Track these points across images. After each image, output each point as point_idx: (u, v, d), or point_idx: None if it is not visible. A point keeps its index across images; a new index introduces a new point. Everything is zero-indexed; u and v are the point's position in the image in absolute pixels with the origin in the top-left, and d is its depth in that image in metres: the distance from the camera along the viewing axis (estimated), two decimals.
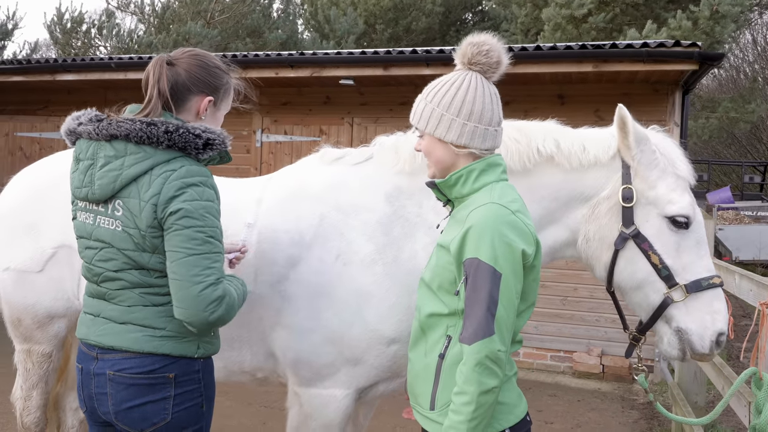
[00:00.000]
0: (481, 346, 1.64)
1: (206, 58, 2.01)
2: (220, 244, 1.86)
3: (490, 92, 1.86)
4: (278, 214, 2.42)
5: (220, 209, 1.94)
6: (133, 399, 1.86)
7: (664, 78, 6.20)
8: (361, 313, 2.26)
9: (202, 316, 1.79)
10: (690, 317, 2.18)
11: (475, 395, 1.64)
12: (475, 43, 1.85)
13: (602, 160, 2.27)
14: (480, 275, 1.67)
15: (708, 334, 2.17)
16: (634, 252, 2.21)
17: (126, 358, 1.88)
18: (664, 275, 2.18)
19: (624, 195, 2.21)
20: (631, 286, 2.25)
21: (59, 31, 15.30)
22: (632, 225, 2.20)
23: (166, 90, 1.91)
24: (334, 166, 2.53)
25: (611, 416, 5.49)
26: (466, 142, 1.82)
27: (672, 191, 2.22)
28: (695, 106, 18.11)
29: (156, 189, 1.82)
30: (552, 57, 5.90)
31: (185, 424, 1.90)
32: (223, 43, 15.01)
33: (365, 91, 7.15)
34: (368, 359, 2.28)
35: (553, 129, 2.35)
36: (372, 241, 2.32)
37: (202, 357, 1.94)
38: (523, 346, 6.79)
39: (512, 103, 6.97)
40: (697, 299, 2.17)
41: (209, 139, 1.88)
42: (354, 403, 2.37)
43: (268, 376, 2.51)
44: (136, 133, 1.83)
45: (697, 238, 2.23)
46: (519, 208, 1.76)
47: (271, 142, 7.63)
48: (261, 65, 6.91)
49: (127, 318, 1.90)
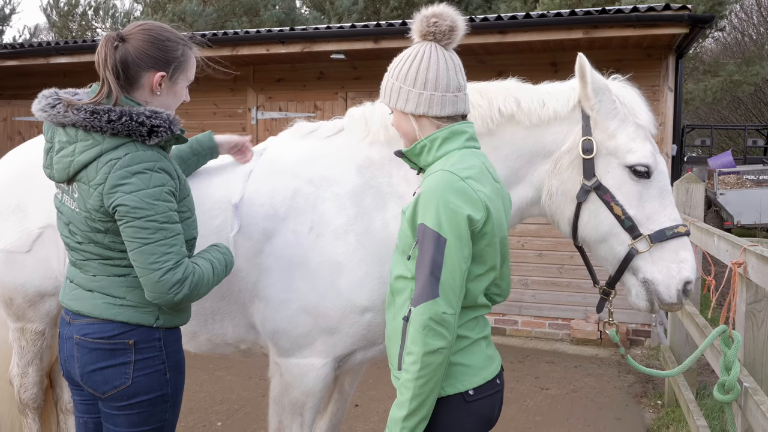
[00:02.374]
0: (424, 308, 1.68)
1: (156, 31, 1.97)
2: (175, 225, 1.88)
3: (445, 59, 1.88)
4: (253, 188, 2.45)
5: (180, 183, 1.95)
6: (96, 362, 1.94)
7: (657, 42, 6.16)
8: (335, 284, 2.29)
9: (167, 298, 1.86)
10: (655, 267, 2.16)
11: (420, 355, 1.68)
12: (426, 15, 1.88)
13: (561, 114, 2.26)
14: (425, 240, 1.71)
15: (674, 283, 2.15)
16: (597, 204, 2.20)
17: (89, 323, 1.95)
18: (628, 226, 2.16)
19: (584, 147, 2.20)
20: (596, 239, 2.24)
21: (56, 14, 15.26)
22: (593, 177, 2.19)
23: (117, 69, 1.90)
24: (307, 140, 2.55)
25: (607, 381, 5.56)
26: (423, 111, 1.85)
27: (632, 140, 2.19)
28: (698, 70, 17.92)
29: (101, 177, 1.84)
30: (542, 24, 5.86)
31: (146, 390, 1.95)
32: (219, 21, 14.94)
33: (358, 65, 7.13)
34: (343, 328, 2.32)
35: (514, 87, 2.33)
36: (343, 212, 2.34)
37: (162, 327, 1.98)
38: (522, 314, 6.89)
39: (505, 72, 6.88)
40: (662, 249, 2.16)
41: (153, 126, 1.87)
42: (333, 372, 2.42)
43: (250, 348, 2.56)
44: (81, 122, 1.86)
45: (660, 187, 2.21)
46: (471, 174, 1.78)
47: (266, 119, 7.65)
48: (252, 42, 6.90)
49: (92, 286, 1.97)
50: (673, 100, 6.41)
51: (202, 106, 7.90)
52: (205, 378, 5.38)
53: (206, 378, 5.38)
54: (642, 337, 6.58)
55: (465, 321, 1.82)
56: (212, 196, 2.46)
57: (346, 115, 2.55)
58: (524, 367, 5.91)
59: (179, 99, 2.06)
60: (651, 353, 6.28)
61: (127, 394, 1.93)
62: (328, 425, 3.00)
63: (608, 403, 5.07)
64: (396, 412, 1.74)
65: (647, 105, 2.29)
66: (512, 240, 6.79)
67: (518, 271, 6.87)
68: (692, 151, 20.55)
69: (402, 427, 1.71)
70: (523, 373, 5.73)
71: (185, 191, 2.01)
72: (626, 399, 5.15)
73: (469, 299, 1.81)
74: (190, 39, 2.09)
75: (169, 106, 2.04)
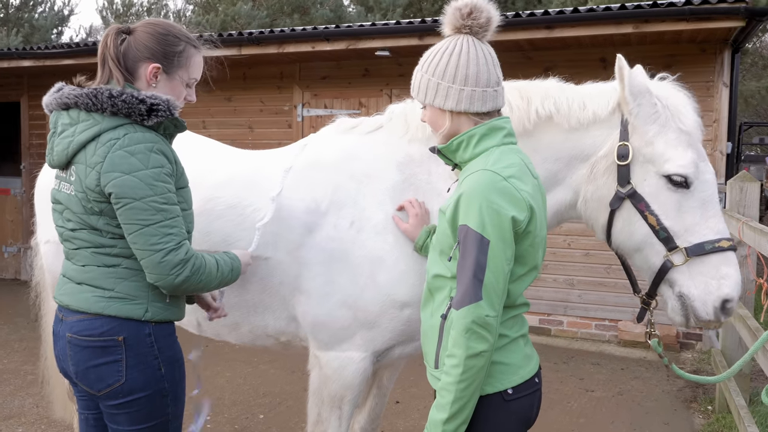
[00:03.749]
0: (467, 312, 1.66)
1: (160, 26, 1.99)
2: (174, 207, 1.88)
3: (483, 53, 1.84)
4: (295, 183, 2.47)
5: (178, 171, 1.96)
6: (89, 360, 1.92)
7: (711, 37, 5.96)
8: (375, 278, 2.30)
9: (169, 280, 1.86)
10: (693, 282, 2.06)
11: (463, 358, 1.66)
12: (461, 7, 1.84)
13: (601, 117, 2.18)
14: (468, 242, 1.68)
15: (711, 300, 2.04)
16: (631, 212, 2.11)
17: (79, 320, 1.93)
18: (662, 237, 2.07)
19: (619, 152, 2.10)
20: (631, 248, 2.16)
21: (111, 14, 15.72)
22: (628, 184, 2.10)
23: (116, 59, 1.93)
24: (348, 136, 2.56)
25: (655, 384, 5.42)
26: (465, 108, 1.82)
27: (671, 147, 2.07)
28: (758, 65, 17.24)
29: (100, 157, 1.84)
30: (590, 19, 5.73)
31: (142, 386, 1.92)
32: (269, 22, 15.15)
33: (403, 62, 7.12)
34: (382, 323, 2.33)
35: (554, 88, 2.26)
36: (383, 209, 2.35)
37: (152, 321, 1.95)
38: (567, 315, 6.78)
39: (553, 69, 6.81)
40: (702, 263, 2.04)
41: (153, 104, 1.87)
42: (371, 366, 2.43)
43: (290, 340, 2.59)
44: (82, 99, 1.88)
45: (703, 197, 2.08)
46: (514, 173, 1.74)
47: (311, 116, 7.71)
48: (297, 39, 6.96)
49: (82, 278, 1.95)
50: (728, 96, 6.19)
51: (249, 104, 8.02)
52: (249, 371, 5.47)
53: (250, 371, 5.47)
54: (693, 340, 6.39)
55: (504, 319, 1.80)
56: (257, 189, 2.50)
57: (386, 111, 2.55)
58: (569, 369, 5.81)
59: (177, 96, 2.03)
60: (702, 357, 6.09)
61: (123, 391, 1.91)
62: (367, 419, 3.01)
63: (656, 407, 4.94)
64: (436, 415, 1.72)
65: (695, 108, 2.17)
66: (558, 239, 6.68)
67: (564, 271, 6.75)
68: (750, 150, 19.82)
69: (443, 430, 1.70)
70: (567, 375, 5.63)
71: (183, 181, 2.00)
72: (675, 403, 5.01)
73: (510, 299, 1.78)
74: (199, 39, 2.08)
75: None
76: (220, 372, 5.29)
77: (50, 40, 16.02)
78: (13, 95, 9.48)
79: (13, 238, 9.61)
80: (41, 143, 9.23)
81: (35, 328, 3.54)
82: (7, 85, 9.44)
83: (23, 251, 9.44)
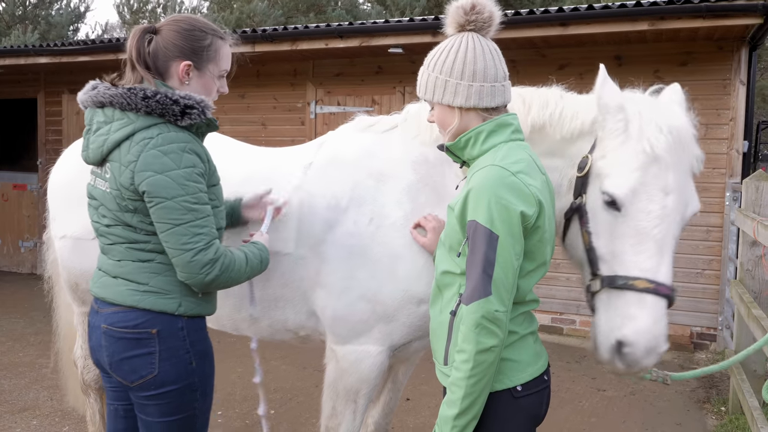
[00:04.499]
0: (477, 307, 1.66)
1: (186, 22, 2.01)
2: (205, 207, 1.91)
3: (489, 49, 1.84)
4: (315, 180, 2.51)
5: (210, 169, 1.98)
6: (123, 352, 1.96)
7: (728, 34, 5.89)
8: (393, 273, 2.32)
9: (199, 278, 1.89)
10: (602, 315, 1.91)
11: (473, 353, 1.67)
12: (464, 5, 1.84)
13: (585, 129, 2.08)
14: (477, 237, 1.68)
15: (607, 341, 1.87)
16: (576, 226, 2.02)
17: (115, 312, 1.98)
18: (590, 257, 1.94)
19: (580, 164, 2.01)
20: (576, 262, 2.08)
21: (127, 11, 15.83)
22: (580, 197, 1.99)
23: (146, 61, 1.96)
24: (366, 134, 2.59)
25: (668, 384, 5.37)
26: (475, 104, 1.82)
27: (617, 165, 1.88)
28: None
29: (134, 155, 1.87)
30: (605, 16, 5.68)
31: (173, 379, 1.96)
32: (284, 19, 15.18)
33: (416, 59, 7.07)
34: (400, 317, 2.35)
35: (554, 97, 2.18)
36: (400, 207, 2.37)
37: (184, 315, 1.99)
38: (579, 314, 6.74)
39: (567, 66, 6.80)
40: (618, 297, 1.86)
41: (186, 105, 1.90)
42: (388, 360, 2.45)
43: (310, 335, 2.62)
44: (117, 99, 1.91)
45: (639, 228, 1.85)
46: (522, 168, 1.74)
47: (324, 113, 7.73)
48: (311, 37, 6.97)
49: (118, 272, 2.00)
50: (745, 94, 6.13)
51: (263, 101, 8.05)
52: None
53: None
54: (707, 341, 6.33)
55: (514, 316, 1.80)
56: (275, 186, 2.52)
57: (403, 110, 2.57)
58: (581, 368, 5.78)
59: (209, 90, 2.06)
60: (716, 358, 6.04)
61: (155, 383, 1.96)
62: (381, 414, 3.03)
63: (668, 407, 4.91)
64: (447, 411, 1.73)
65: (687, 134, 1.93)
66: None
67: (576, 270, 6.71)
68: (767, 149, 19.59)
69: (453, 425, 1.70)
70: (579, 374, 5.61)
71: (215, 178, 2.03)
72: (688, 404, 4.98)
73: (519, 295, 1.78)
74: (224, 31, 2.11)
75: None
76: (231, 367, 5.32)
77: (66, 37, 16.16)
78: (29, 92, 9.58)
79: (30, 233, 9.72)
80: (57, 139, 9.32)
81: (51, 322, 3.58)
82: (24, 81, 9.54)
83: (39, 246, 9.54)
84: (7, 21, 16.27)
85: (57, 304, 3.44)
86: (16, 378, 5.23)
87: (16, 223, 9.82)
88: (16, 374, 5.32)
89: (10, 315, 7.23)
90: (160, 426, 1.99)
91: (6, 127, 12.04)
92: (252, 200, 2.42)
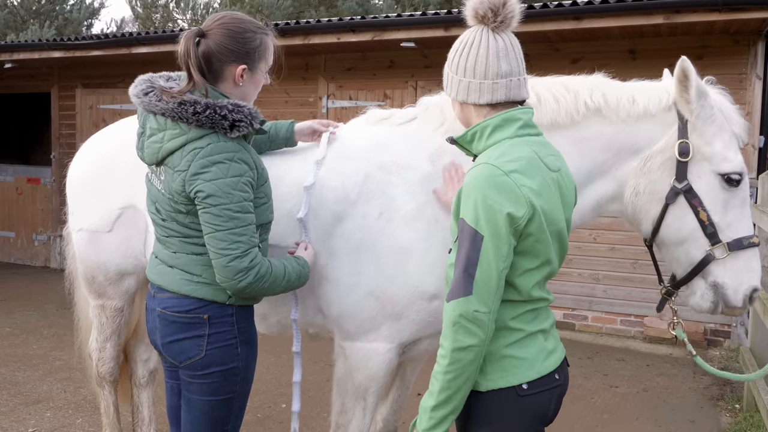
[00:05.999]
0: (455, 305, 1.65)
1: (234, 24, 2.04)
2: (247, 215, 1.98)
3: (489, 45, 1.78)
4: (325, 172, 2.48)
5: (258, 173, 2.05)
6: (174, 334, 2.10)
7: (745, 28, 5.82)
8: (403, 269, 2.30)
9: (232, 284, 1.97)
10: (728, 273, 2.23)
11: (449, 350, 1.66)
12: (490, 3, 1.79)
13: (652, 112, 2.28)
14: (463, 236, 1.67)
15: (743, 289, 2.22)
16: (684, 207, 2.23)
17: (170, 297, 2.11)
18: (710, 232, 2.21)
19: (680, 149, 2.22)
20: (675, 241, 2.27)
21: (140, 5, 15.87)
22: (685, 180, 2.22)
23: (200, 65, 2.00)
24: (378, 127, 2.57)
25: (681, 381, 5.35)
26: (462, 98, 1.83)
27: (727, 148, 2.22)
28: None
29: (185, 165, 1.96)
30: (620, 9, 5.63)
31: (219, 361, 2.08)
32: (295, 12, 15.17)
33: (428, 53, 7.09)
34: (409, 314, 2.32)
35: (602, 82, 2.35)
36: (414, 199, 2.34)
37: (234, 304, 2.10)
38: (592, 310, 6.71)
39: (581, 60, 6.74)
40: (737, 257, 2.22)
41: (235, 120, 1.96)
42: (397, 358, 2.42)
43: (318, 332, 2.60)
44: (169, 112, 1.98)
45: (744, 196, 2.25)
46: (517, 168, 1.69)
47: (336, 107, 7.72)
48: (323, 31, 6.96)
49: (173, 262, 2.12)
50: (761, 88, 6.06)
51: (275, 95, 8.04)
52: (272, 361, 5.51)
53: (273, 361, 5.51)
54: (721, 337, 6.28)
55: (519, 313, 1.76)
56: (287, 179, 2.50)
57: (419, 103, 2.55)
58: (593, 364, 5.76)
59: (259, 86, 2.16)
60: (730, 355, 5.99)
61: (201, 364, 2.07)
62: (390, 411, 3.02)
63: (681, 404, 4.88)
64: (426, 401, 1.73)
65: (741, 113, 2.33)
66: (584, 233, 6.60)
67: (589, 265, 6.68)
68: None
69: (430, 416, 1.71)
70: (591, 370, 5.59)
71: (263, 178, 2.09)
72: (701, 401, 4.95)
73: (522, 293, 1.75)
74: (266, 26, 2.15)
75: (250, 95, 2.14)
76: None
77: (81, 32, 16.23)
78: (43, 86, 9.64)
79: (44, 227, 9.80)
80: (71, 133, 9.38)
81: (64, 315, 3.62)
82: (38, 75, 9.60)
83: (53, 239, 9.61)
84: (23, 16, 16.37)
85: (77, 297, 3.47)
86: (30, 370, 5.27)
87: (30, 216, 9.89)
88: (29, 366, 5.36)
89: (23, 307, 7.29)
90: (200, 403, 2.11)
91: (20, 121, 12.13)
92: (305, 128, 2.57)
